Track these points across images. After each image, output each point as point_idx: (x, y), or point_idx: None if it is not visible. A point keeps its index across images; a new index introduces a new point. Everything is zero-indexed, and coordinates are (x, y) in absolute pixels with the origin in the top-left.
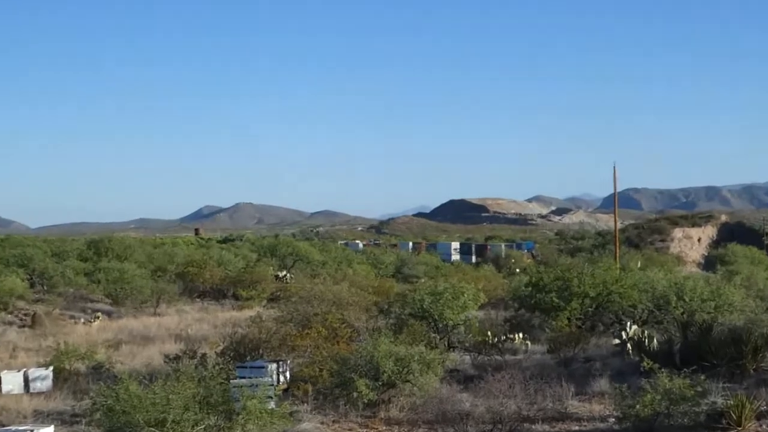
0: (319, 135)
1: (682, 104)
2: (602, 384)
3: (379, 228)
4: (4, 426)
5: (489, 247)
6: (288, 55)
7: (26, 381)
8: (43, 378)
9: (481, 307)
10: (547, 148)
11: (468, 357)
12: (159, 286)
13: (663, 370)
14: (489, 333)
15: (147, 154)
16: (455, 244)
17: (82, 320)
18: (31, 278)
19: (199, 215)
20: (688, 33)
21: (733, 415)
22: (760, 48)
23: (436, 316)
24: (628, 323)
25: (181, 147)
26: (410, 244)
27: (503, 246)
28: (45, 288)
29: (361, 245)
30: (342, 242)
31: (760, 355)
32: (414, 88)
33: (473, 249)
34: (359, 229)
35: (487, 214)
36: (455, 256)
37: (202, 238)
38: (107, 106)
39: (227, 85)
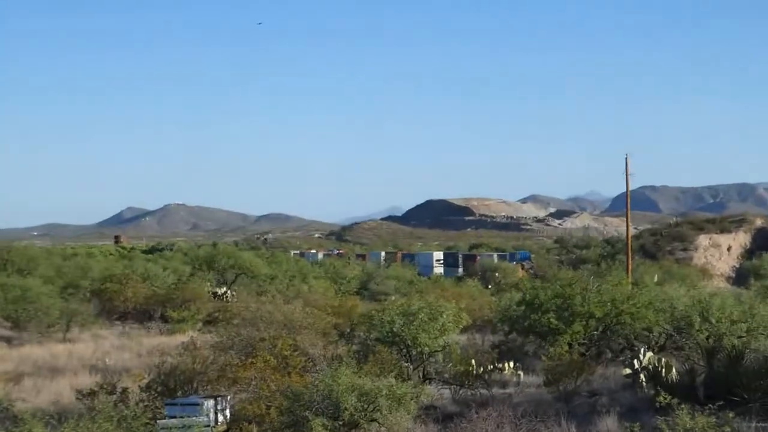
0: (266, 125)
1: (709, 87)
2: (610, 423)
3: (340, 234)
4: None
5: (478, 257)
6: (230, 39)
7: None
8: None
9: (464, 330)
10: (544, 139)
11: (447, 391)
12: (70, 306)
13: (683, 406)
14: (473, 362)
15: (57, 146)
16: (438, 254)
17: None
18: None
19: (121, 219)
20: (720, 9)
21: None
22: None
23: (409, 342)
24: (642, 350)
25: (98, 138)
26: (382, 254)
27: (495, 256)
28: None
29: (320, 256)
30: (295, 252)
31: None
32: (383, 69)
33: (460, 260)
34: (316, 236)
35: (471, 218)
36: (438, 269)
37: (123, 248)
38: (8, 92)
39: (153, 69)
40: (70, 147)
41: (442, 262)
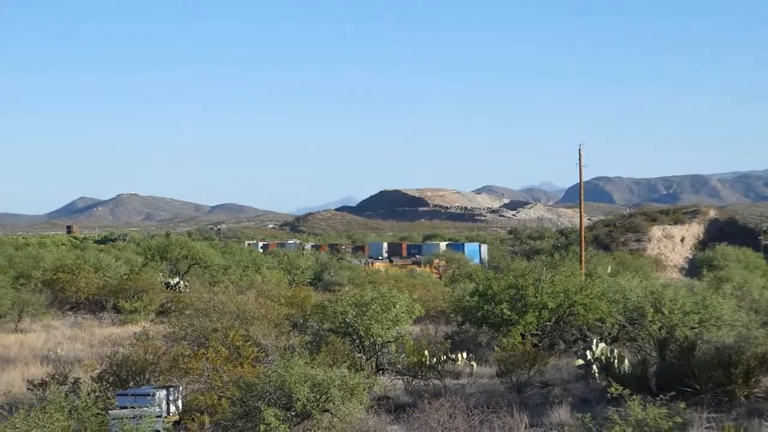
0: (222, 115)
1: (664, 79)
2: (562, 414)
3: (294, 225)
4: None
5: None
6: (184, 30)
7: None
8: None
9: (417, 320)
10: (498, 130)
11: (400, 381)
12: (22, 296)
13: (635, 396)
14: (426, 352)
15: (8, 136)
16: (443, 246)
17: None
18: None
19: (73, 209)
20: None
21: None
22: (757, 18)
23: (362, 332)
24: (595, 341)
25: (50, 126)
26: (384, 245)
27: (482, 247)
28: None
29: (308, 247)
30: (258, 244)
31: (753, 379)
32: (340, 61)
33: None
34: (270, 226)
35: (426, 209)
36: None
37: (75, 238)
38: None
39: (106, 58)
40: (21, 137)
41: None
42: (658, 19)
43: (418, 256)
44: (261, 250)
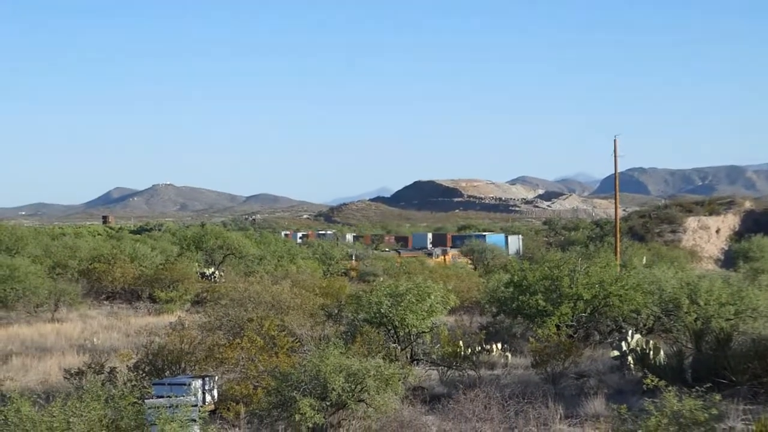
0: (256, 105)
1: (700, 69)
2: (597, 405)
3: (328, 215)
4: None
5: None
6: (216, 18)
7: None
8: None
9: (452, 311)
10: (532, 120)
11: (435, 372)
12: (58, 286)
13: (671, 388)
14: (461, 343)
15: (44, 126)
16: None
17: None
18: None
19: (108, 199)
20: None
21: None
22: None
23: (397, 323)
24: (630, 332)
25: (86, 117)
26: (429, 236)
27: (509, 238)
28: None
29: (349, 238)
30: (296, 234)
31: None
32: (373, 50)
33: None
34: (305, 216)
35: (460, 199)
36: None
37: (111, 228)
38: None
39: (141, 48)
40: (58, 127)
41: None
42: (692, 10)
43: (430, 247)
44: (299, 241)
